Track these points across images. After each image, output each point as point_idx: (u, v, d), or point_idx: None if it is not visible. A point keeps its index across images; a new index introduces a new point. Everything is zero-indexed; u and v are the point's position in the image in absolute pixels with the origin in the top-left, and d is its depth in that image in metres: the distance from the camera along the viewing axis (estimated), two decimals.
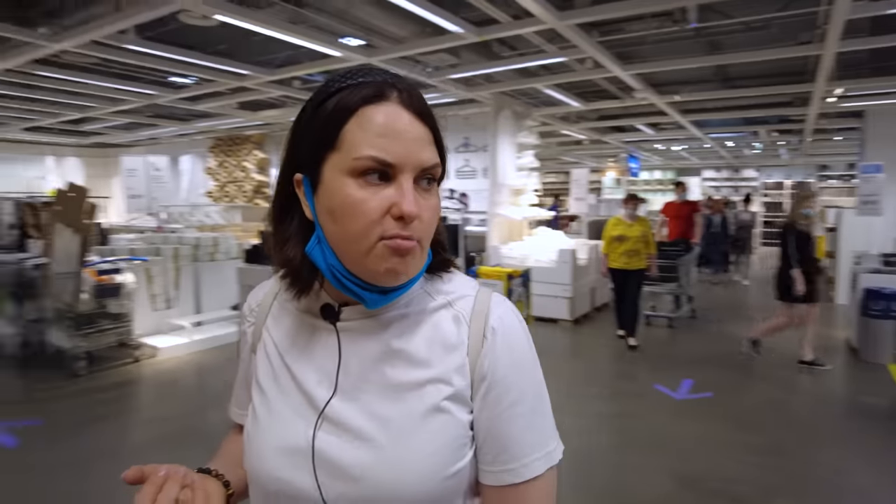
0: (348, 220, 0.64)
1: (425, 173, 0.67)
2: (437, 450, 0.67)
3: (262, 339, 0.79)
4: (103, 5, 4.62)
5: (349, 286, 0.67)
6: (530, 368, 0.72)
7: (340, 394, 0.69)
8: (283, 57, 6.23)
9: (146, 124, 10.43)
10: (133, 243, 7.22)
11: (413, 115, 0.66)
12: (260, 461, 0.71)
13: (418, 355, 0.70)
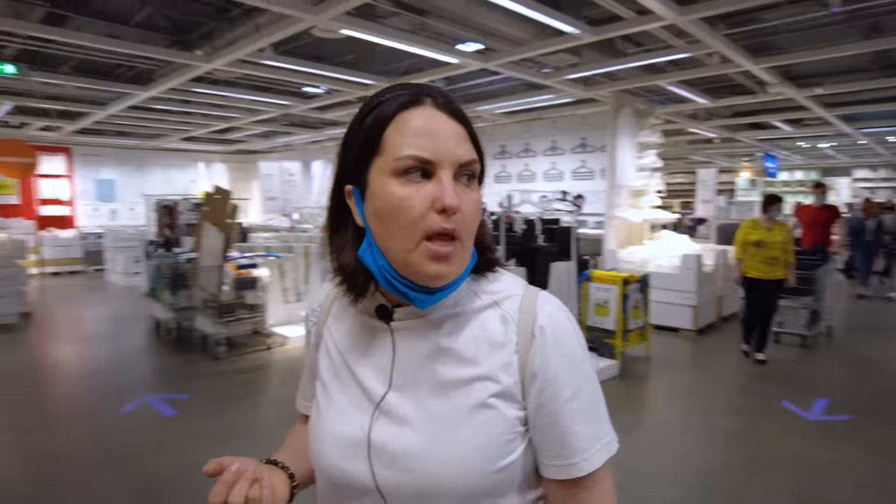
0: (394, 217, 0.68)
1: (463, 169, 0.70)
2: (484, 444, 0.69)
3: (324, 338, 0.84)
4: (246, 27, 5.12)
5: (398, 287, 0.70)
6: (582, 364, 0.74)
7: (395, 389, 0.73)
8: (406, 65, 6.50)
9: (282, 132, 11.31)
10: (268, 241, 7.87)
11: (447, 115, 0.70)
12: (322, 451, 0.76)
13: (466, 354, 0.72)
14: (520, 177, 9.26)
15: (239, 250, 6.84)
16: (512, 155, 9.42)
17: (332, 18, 4.37)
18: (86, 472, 3.23)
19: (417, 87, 0.72)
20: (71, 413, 4.27)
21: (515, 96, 7.74)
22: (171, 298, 6.10)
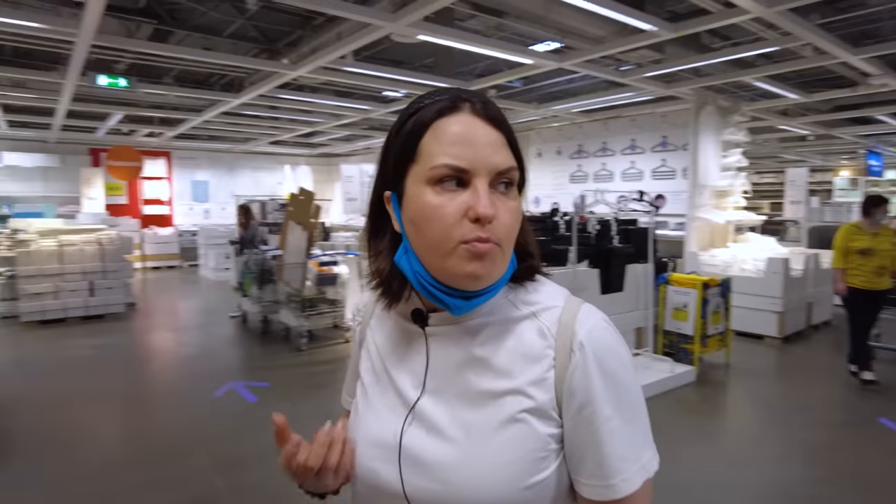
0: (428, 226, 0.68)
1: (501, 177, 0.69)
2: (514, 460, 0.68)
3: (367, 338, 0.85)
4: (328, 35, 5.37)
5: (434, 292, 0.70)
6: (624, 381, 0.70)
7: (428, 395, 0.73)
8: (483, 66, 6.57)
9: (362, 136, 11.69)
10: (348, 240, 8.18)
11: (485, 121, 0.69)
12: (358, 451, 0.76)
13: (499, 365, 0.71)
14: (597, 176, 9.10)
15: (321, 248, 7.17)
16: (589, 154, 9.28)
17: (410, 25, 4.51)
18: (180, 447, 3.53)
19: (456, 92, 0.71)
20: (168, 394, 4.69)
21: (593, 94, 7.63)
22: (257, 292, 6.48)
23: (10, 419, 3.93)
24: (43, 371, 5.13)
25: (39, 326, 6.76)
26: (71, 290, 7.08)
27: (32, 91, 7.53)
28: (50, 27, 4.78)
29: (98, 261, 7.26)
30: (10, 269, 7.10)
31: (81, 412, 4.10)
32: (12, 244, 7.25)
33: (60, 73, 6.35)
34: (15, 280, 6.97)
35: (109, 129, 10.31)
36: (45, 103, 8.09)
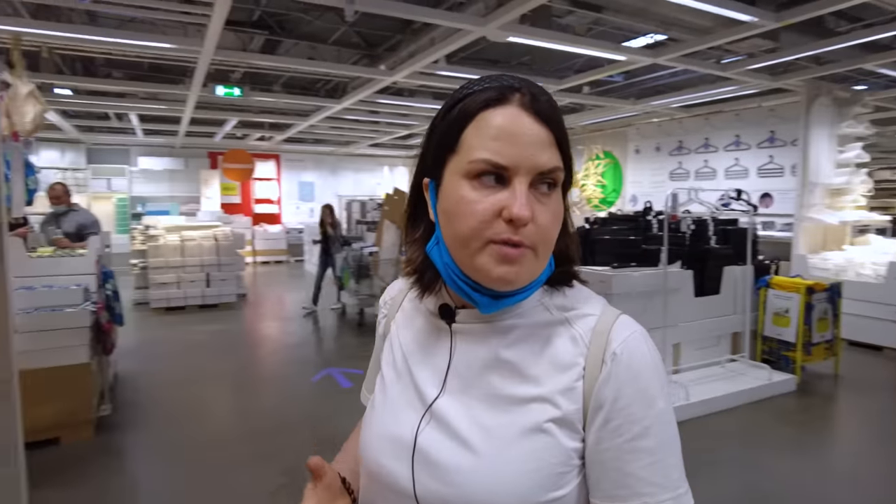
0: (460, 220, 0.64)
1: (543, 177, 0.64)
2: (535, 469, 0.64)
3: (391, 331, 0.82)
4: (422, 41, 5.58)
5: (462, 287, 0.67)
6: (657, 400, 0.65)
7: (447, 394, 0.70)
8: (582, 62, 6.50)
9: None
10: None
11: (533, 117, 0.64)
12: (369, 444, 0.74)
13: (527, 370, 0.68)
14: (698, 174, 8.73)
15: None
16: (690, 151, 8.92)
17: (500, 27, 4.60)
18: (282, 425, 3.86)
19: (508, 80, 0.66)
20: (272, 376, 5.13)
21: (698, 88, 7.32)
22: (355, 286, 6.85)
23: (137, 393, 4.48)
24: (166, 352, 5.75)
25: (165, 313, 7.55)
26: (190, 281, 7.83)
27: (163, 102, 8.39)
28: (177, 46, 5.33)
29: (214, 255, 7.98)
30: (142, 261, 7.97)
31: (197, 389, 4.58)
32: (145, 239, 8.14)
33: (186, 85, 7.04)
34: (146, 271, 7.81)
35: (226, 133, 11.23)
36: (173, 112, 8.96)
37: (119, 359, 4.74)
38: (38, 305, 3.50)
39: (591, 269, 4.48)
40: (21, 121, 3.42)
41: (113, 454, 3.45)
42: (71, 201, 5.26)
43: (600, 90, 7.67)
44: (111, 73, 7.43)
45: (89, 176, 12.53)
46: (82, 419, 3.54)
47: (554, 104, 0.67)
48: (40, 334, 3.37)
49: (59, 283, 3.70)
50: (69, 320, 3.48)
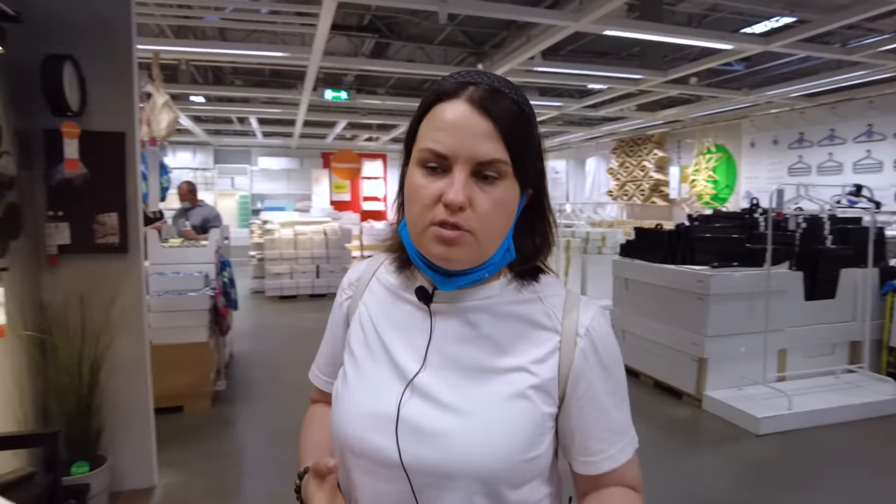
0: (411, 204, 0.71)
1: (484, 167, 0.67)
2: (516, 432, 0.70)
3: (358, 311, 0.84)
4: (521, 37, 5.62)
5: (420, 265, 0.74)
6: (620, 368, 0.77)
7: (429, 369, 0.73)
8: (698, 51, 6.22)
9: (558, 132, 11.78)
10: None
11: (478, 111, 0.67)
12: (347, 421, 0.75)
13: (504, 344, 0.73)
14: (821, 168, 8.03)
15: None
16: (812, 143, 8.21)
17: (598, 21, 4.53)
18: None
19: (465, 76, 0.70)
20: None
21: (819, 76, 6.74)
22: None
23: (249, 371, 4.93)
24: (277, 337, 6.25)
25: (278, 301, 8.18)
26: (302, 272, 8.41)
27: (280, 106, 9.06)
28: (289, 54, 5.77)
29: (323, 248, 8.51)
30: (260, 253, 8.67)
31: (303, 371, 4.88)
32: (262, 232, 8.85)
33: (299, 89, 7.57)
34: (263, 262, 8.49)
35: (336, 135, 11.88)
36: (289, 116, 9.64)
37: (234, 340, 5.24)
38: (167, 289, 3.98)
39: (688, 269, 4.32)
40: (157, 127, 3.89)
41: (225, 423, 3.87)
42: (196, 198, 5.87)
43: (717, 80, 7.25)
44: (235, 81, 8.16)
45: (216, 175, 13.78)
46: (201, 391, 3.99)
47: (511, 99, 0.69)
48: (168, 314, 3.83)
49: (184, 270, 4.18)
50: (192, 303, 3.94)
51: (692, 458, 3.55)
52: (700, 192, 9.95)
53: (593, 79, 6.92)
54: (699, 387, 4.24)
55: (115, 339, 2.74)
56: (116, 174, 2.72)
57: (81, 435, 2.64)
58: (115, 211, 2.71)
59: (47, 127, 2.58)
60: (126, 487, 2.88)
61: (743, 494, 3.05)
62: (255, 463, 3.39)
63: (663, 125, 10.47)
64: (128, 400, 2.86)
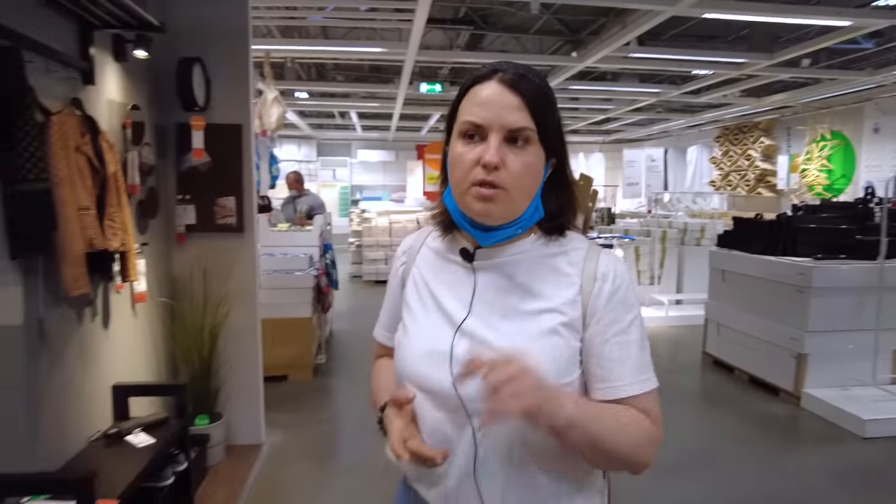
0: (454, 169, 0.83)
1: (514, 133, 0.79)
2: (551, 362, 0.80)
3: (412, 274, 0.97)
4: (617, 25, 5.53)
5: (463, 224, 0.85)
6: (634, 308, 0.85)
7: (474, 315, 0.85)
8: (818, 29, 5.83)
9: (660, 119, 11.38)
10: (629, 225, 8.20)
11: (508, 88, 0.80)
12: (408, 360, 0.89)
13: (537, 290, 0.85)
14: None
15: (600, 232, 7.41)
16: None
17: (693, 5, 4.41)
18: None
19: (497, 65, 0.83)
20: None
21: None
22: None
23: (347, 348, 5.32)
24: (372, 317, 6.51)
25: (374, 285, 8.58)
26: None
27: (378, 100, 9.45)
28: (386, 49, 6.04)
29: None
30: (358, 240, 9.12)
31: None
32: (360, 221, 9.31)
33: (396, 83, 7.87)
34: (360, 248, 8.94)
35: (430, 127, 12.17)
36: (386, 109, 10.02)
37: (334, 319, 5.61)
38: (275, 269, 4.36)
39: (788, 260, 4.13)
40: (268, 121, 4.26)
41: (324, 393, 4.21)
42: (303, 187, 6.31)
43: (838, 60, 6.73)
44: (336, 77, 8.61)
45: (319, 167, 14.55)
46: (304, 363, 4.35)
47: (535, 82, 0.82)
48: (276, 291, 4.20)
49: (291, 252, 4.55)
50: (297, 282, 4.29)
51: (790, 456, 3.42)
52: (811, 182, 9.28)
53: (692, 64, 6.66)
54: (798, 384, 4.04)
55: (231, 309, 3.09)
56: (234, 162, 3.05)
57: (203, 392, 3.01)
58: (233, 195, 3.05)
59: (178, 121, 2.95)
60: (238, 442, 3.24)
61: (843, 497, 2.93)
62: (350, 429, 3.68)
63: (772, 111, 9.84)
64: (241, 364, 3.21)
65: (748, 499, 2.88)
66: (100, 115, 2.26)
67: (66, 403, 2.10)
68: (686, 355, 5.38)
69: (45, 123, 1.83)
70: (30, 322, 1.86)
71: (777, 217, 4.53)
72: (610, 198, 12.77)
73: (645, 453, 0.80)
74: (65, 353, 2.08)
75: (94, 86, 2.27)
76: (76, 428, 2.17)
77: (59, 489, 1.74)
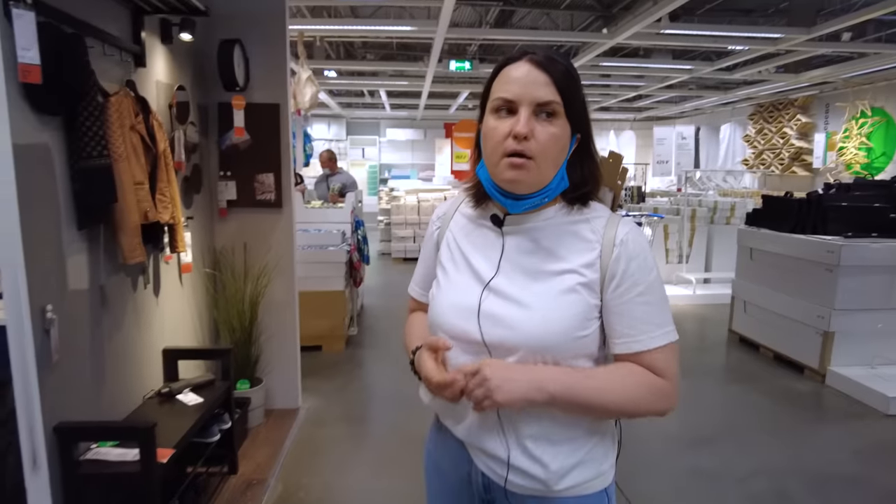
0: (487, 142, 0.92)
1: (542, 107, 0.88)
2: (568, 317, 0.90)
3: (446, 237, 1.07)
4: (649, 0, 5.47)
5: (495, 193, 0.94)
6: (652, 270, 0.93)
7: (501, 274, 0.95)
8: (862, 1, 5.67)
9: (692, 96, 11.18)
10: (658, 203, 8.16)
11: (536, 67, 0.88)
12: (442, 312, 0.99)
13: (560, 253, 0.94)
14: None
15: (629, 210, 7.40)
16: None
17: None
18: None
19: (527, 48, 0.92)
20: None
21: None
22: None
23: (377, 321, 5.51)
24: (400, 293, 6.70)
25: (402, 262, 8.75)
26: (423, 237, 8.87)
27: (407, 78, 9.50)
28: (417, 28, 6.09)
29: None
30: (386, 218, 9.27)
31: None
32: (389, 199, 9.44)
33: (425, 61, 7.91)
34: (389, 226, 9.08)
35: (458, 105, 12.17)
36: (415, 88, 10.07)
37: (365, 293, 5.78)
38: (310, 244, 4.52)
39: (817, 239, 4.12)
40: (302, 100, 4.39)
41: (356, 363, 4.40)
42: (336, 166, 6.45)
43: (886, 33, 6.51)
44: (366, 55, 8.68)
45: (348, 146, 14.69)
46: (337, 334, 4.53)
47: (562, 63, 0.90)
48: (310, 265, 4.37)
49: (325, 228, 4.70)
50: (331, 256, 4.45)
51: (811, 430, 3.48)
52: (849, 160, 9.05)
53: (725, 40, 6.55)
54: (823, 361, 4.06)
55: (270, 280, 3.26)
56: (272, 140, 3.19)
57: (243, 358, 3.19)
58: (271, 172, 3.19)
59: (220, 101, 3.09)
60: (277, 406, 3.43)
61: (865, 470, 2.98)
62: (381, 396, 3.86)
63: (809, 87, 9.59)
64: (279, 333, 3.39)
65: (768, 469, 2.95)
66: (150, 96, 2.40)
67: (125, 364, 2.29)
68: (712, 333, 5.42)
69: (104, 104, 1.98)
70: (93, 288, 2.04)
71: (807, 195, 4.49)
72: (640, 176, 12.62)
73: (651, 405, 0.91)
74: (123, 317, 2.26)
75: (145, 68, 2.41)
76: (133, 386, 2.36)
77: (125, 436, 1.93)
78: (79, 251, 1.95)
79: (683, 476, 2.90)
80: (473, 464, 1.01)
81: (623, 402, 0.90)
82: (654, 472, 2.92)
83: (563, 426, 0.94)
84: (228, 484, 2.66)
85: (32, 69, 1.63)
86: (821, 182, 9.13)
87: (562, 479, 0.94)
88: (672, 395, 0.92)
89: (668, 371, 0.91)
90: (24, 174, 1.63)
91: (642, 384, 0.90)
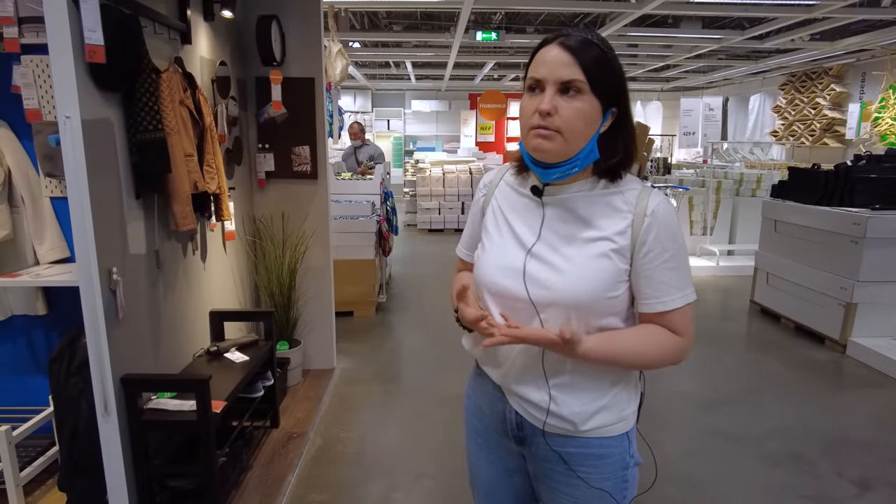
0: (521, 117, 1.03)
1: (566, 85, 0.95)
2: (600, 278, 1.00)
3: (491, 204, 1.18)
4: None
5: (529, 165, 1.05)
6: (679, 238, 1.03)
7: (542, 241, 1.05)
8: None
9: (722, 66, 10.96)
10: (684, 175, 8.12)
11: (564, 49, 0.96)
12: (488, 272, 1.10)
13: (594, 222, 1.03)
14: None
15: (654, 181, 7.40)
16: None
17: None
18: None
19: (563, 31, 1.00)
20: None
21: None
22: None
23: (405, 289, 5.67)
24: (426, 262, 6.96)
25: (427, 234, 8.90)
26: (449, 208, 9.01)
27: (432, 49, 9.48)
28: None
29: (468, 186, 8.99)
30: (412, 190, 9.39)
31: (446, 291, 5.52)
32: (414, 171, 9.54)
33: (451, 32, 7.91)
34: (415, 198, 9.20)
35: (484, 76, 12.11)
36: (441, 58, 10.05)
37: (393, 262, 5.95)
38: (341, 214, 4.67)
39: (843, 210, 4.13)
40: (332, 73, 4.49)
41: (387, 327, 4.59)
42: (365, 137, 6.57)
43: None
44: (391, 26, 8.68)
45: (374, 118, 14.75)
46: (367, 301, 4.71)
47: (590, 43, 0.97)
48: (342, 235, 4.53)
49: (355, 199, 4.85)
50: (361, 226, 4.60)
51: (829, 397, 3.56)
52: (884, 131, 8.86)
53: (756, 7, 6.42)
54: (844, 332, 4.12)
55: (307, 248, 3.42)
56: (308, 113, 3.31)
57: (283, 321, 3.38)
58: (307, 144, 3.33)
59: (258, 75, 3.21)
60: (314, 367, 3.63)
61: (880, 435, 3.07)
62: (411, 358, 4.05)
63: (845, 55, 9.34)
64: (316, 298, 3.57)
65: (783, 432, 3.06)
66: (195, 72, 2.54)
67: (177, 323, 2.47)
68: (734, 303, 5.48)
69: (157, 81, 2.12)
70: (150, 253, 2.21)
71: (835, 167, 4.48)
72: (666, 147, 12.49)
73: (670, 358, 1.05)
74: (174, 281, 2.44)
75: (191, 45, 2.54)
76: (184, 345, 2.55)
77: (184, 388, 2.12)
78: (137, 218, 2.11)
79: (701, 435, 3.03)
80: (508, 404, 1.14)
81: (649, 359, 1.05)
82: (674, 430, 3.06)
83: (591, 377, 1.07)
84: (271, 437, 2.87)
85: (98, 49, 1.77)
86: (852, 154, 8.97)
87: (587, 420, 1.07)
88: (686, 349, 1.06)
89: (685, 327, 1.05)
90: (91, 147, 1.78)
91: (665, 344, 1.04)
